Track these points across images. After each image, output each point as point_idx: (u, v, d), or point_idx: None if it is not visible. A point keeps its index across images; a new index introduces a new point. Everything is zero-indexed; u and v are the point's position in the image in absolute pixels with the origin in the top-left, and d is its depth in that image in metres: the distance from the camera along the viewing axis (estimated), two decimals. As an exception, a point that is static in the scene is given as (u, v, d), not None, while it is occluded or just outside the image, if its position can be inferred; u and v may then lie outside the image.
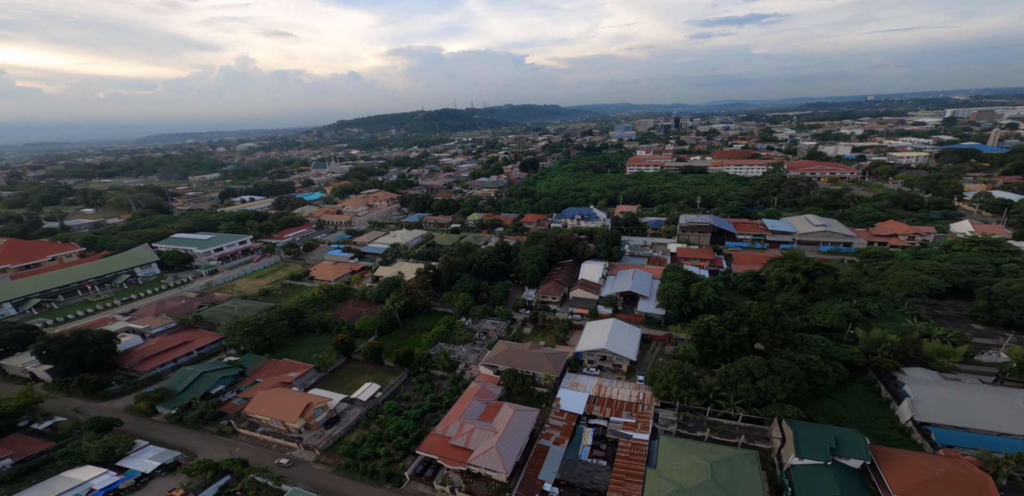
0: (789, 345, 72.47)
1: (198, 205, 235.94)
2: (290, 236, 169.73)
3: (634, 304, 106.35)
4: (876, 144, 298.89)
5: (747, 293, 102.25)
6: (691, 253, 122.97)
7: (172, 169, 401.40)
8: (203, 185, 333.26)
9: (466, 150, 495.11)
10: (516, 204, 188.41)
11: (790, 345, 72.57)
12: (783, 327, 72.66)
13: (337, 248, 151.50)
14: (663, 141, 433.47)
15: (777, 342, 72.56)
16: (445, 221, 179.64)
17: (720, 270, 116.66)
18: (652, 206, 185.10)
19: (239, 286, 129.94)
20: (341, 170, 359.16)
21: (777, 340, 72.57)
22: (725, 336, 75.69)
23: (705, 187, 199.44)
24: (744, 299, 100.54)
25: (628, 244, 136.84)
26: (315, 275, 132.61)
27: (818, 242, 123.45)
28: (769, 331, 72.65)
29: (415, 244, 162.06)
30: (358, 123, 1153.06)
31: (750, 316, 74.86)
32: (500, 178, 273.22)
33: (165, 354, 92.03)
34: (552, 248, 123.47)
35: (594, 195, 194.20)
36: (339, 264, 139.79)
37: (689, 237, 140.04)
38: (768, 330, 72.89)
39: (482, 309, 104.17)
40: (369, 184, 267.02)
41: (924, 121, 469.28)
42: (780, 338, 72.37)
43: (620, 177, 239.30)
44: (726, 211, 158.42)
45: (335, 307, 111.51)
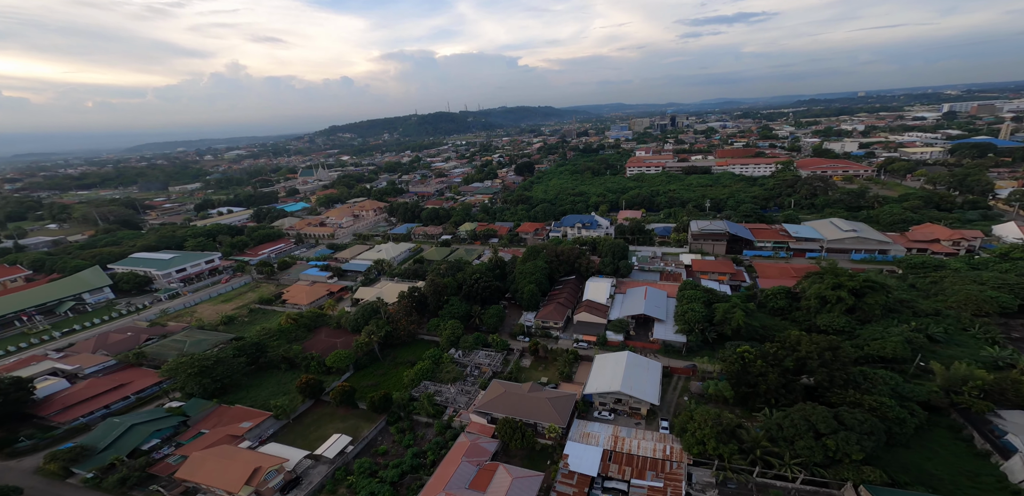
0: (851, 385, 59.09)
1: (172, 218, 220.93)
2: (265, 252, 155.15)
3: (648, 328, 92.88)
4: (882, 140, 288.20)
5: (778, 313, 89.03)
6: (708, 265, 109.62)
7: (153, 179, 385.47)
8: (183, 196, 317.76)
9: (459, 154, 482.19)
10: (511, 212, 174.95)
11: (852, 385, 59.20)
12: (843, 365, 59.24)
13: (315, 266, 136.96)
14: (661, 141, 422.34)
15: (837, 382, 59.13)
16: (435, 232, 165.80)
17: (743, 285, 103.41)
18: (657, 211, 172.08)
19: (200, 312, 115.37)
20: (329, 177, 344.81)
21: (836, 380, 59.14)
22: (768, 374, 62.21)
23: (712, 189, 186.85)
24: (777, 321, 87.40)
25: (636, 255, 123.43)
26: (288, 298, 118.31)
27: (849, 250, 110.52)
28: (826, 370, 59.21)
29: (402, 259, 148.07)
30: (350, 128, 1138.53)
31: (800, 351, 61.43)
32: (494, 183, 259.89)
33: (95, 400, 78.30)
34: (552, 264, 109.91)
35: (594, 200, 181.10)
36: (316, 285, 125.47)
37: (702, 246, 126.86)
38: (824, 368, 59.46)
39: (474, 339, 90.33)
40: (356, 192, 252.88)
41: (924, 116, 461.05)
42: (840, 377, 58.94)
43: (620, 179, 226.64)
44: (739, 215, 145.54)
45: (305, 338, 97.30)
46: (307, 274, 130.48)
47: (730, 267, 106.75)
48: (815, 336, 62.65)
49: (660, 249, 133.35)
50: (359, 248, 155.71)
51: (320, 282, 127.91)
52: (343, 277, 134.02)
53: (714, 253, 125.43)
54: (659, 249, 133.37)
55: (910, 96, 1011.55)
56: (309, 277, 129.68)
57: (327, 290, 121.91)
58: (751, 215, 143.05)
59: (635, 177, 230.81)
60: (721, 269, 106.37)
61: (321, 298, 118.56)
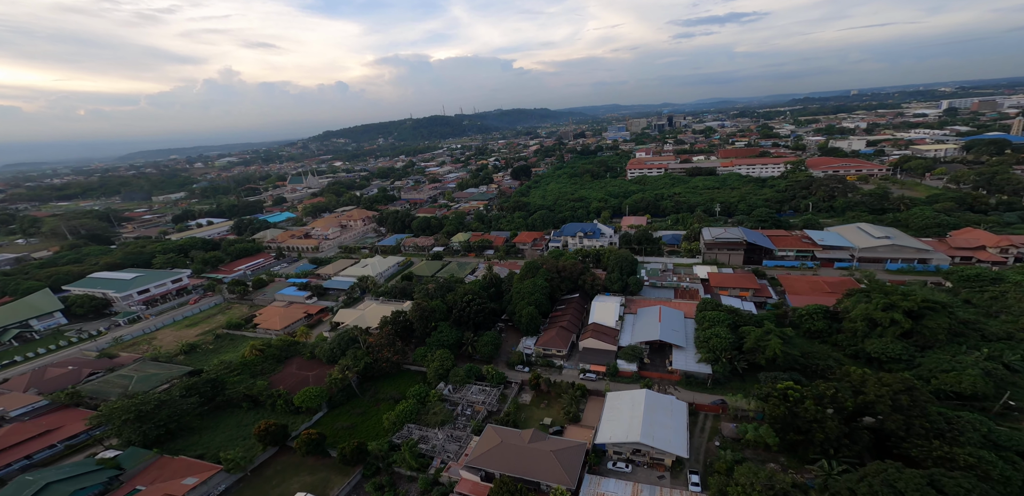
0: (934, 434, 47.73)
1: (149, 231, 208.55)
2: (241, 269, 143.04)
3: (664, 355, 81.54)
4: (890, 137, 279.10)
5: (815, 336, 77.80)
6: (727, 280, 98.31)
7: (136, 189, 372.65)
8: (165, 206, 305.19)
9: (454, 158, 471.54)
10: (508, 219, 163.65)
11: (935, 434, 47.85)
12: (922, 410, 47.87)
13: (294, 284, 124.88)
14: (660, 141, 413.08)
15: (916, 432, 47.75)
16: (426, 244, 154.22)
17: (768, 302, 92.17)
18: (664, 216, 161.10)
19: (160, 339, 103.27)
20: (319, 185, 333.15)
21: (916, 429, 47.76)
22: (826, 422, 50.83)
23: (720, 191, 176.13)
24: (815, 345, 76.03)
25: (645, 269, 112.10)
26: (260, 322, 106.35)
27: (884, 259, 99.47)
28: (902, 416, 47.82)
29: (390, 274, 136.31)
30: (344, 133, 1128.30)
31: (866, 394, 50.08)
32: (490, 188, 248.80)
33: (14, 450, 67.33)
34: (553, 281, 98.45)
35: (595, 205, 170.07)
36: (292, 306, 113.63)
37: (717, 256, 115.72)
38: (900, 414, 48.08)
39: (466, 371, 78.63)
40: (345, 200, 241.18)
41: (925, 113, 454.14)
42: (921, 426, 47.56)
43: (622, 182, 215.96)
44: (753, 220, 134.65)
45: (273, 371, 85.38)
46: (283, 294, 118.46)
47: (752, 281, 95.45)
48: (884, 375, 51.47)
49: (670, 260, 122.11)
50: (344, 263, 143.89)
51: (298, 303, 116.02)
52: (324, 296, 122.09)
53: (730, 263, 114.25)
54: (669, 260, 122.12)
55: (904, 93, 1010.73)
56: (285, 297, 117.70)
57: (304, 312, 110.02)
58: (766, 220, 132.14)
59: (637, 180, 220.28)
60: (743, 284, 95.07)
61: (297, 321, 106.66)
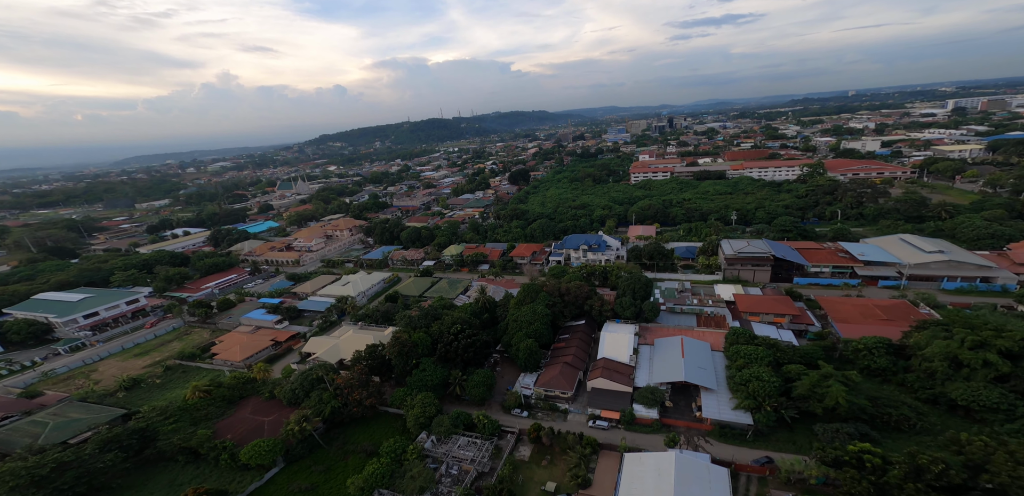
0: None
1: (121, 242, 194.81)
2: (209, 286, 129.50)
3: (690, 396, 68.50)
4: (904, 137, 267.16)
5: (874, 374, 64.78)
6: (758, 303, 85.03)
7: (120, 196, 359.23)
8: (147, 214, 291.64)
9: (451, 162, 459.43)
10: (504, 229, 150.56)
11: None
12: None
13: (264, 306, 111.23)
14: (662, 143, 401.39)
15: None
16: (416, 257, 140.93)
17: (809, 330, 79.00)
18: (674, 225, 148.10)
19: (102, 371, 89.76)
20: (309, 190, 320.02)
21: None
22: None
23: (733, 197, 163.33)
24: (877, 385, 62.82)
25: (659, 288, 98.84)
26: (218, 351, 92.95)
27: (939, 277, 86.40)
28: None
29: (374, 293, 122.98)
30: (341, 137, 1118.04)
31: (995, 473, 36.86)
32: (487, 194, 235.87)
33: None
34: (555, 306, 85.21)
35: (599, 213, 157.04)
36: (259, 331, 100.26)
37: (739, 272, 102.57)
38: None
39: (452, 419, 65.32)
40: (333, 208, 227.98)
41: (933, 112, 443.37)
42: None
43: (626, 187, 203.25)
44: (775, 230, 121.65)
45: (222, 415, 71.93)
46: (249, 318, 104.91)
47: (789, 305, 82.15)
48: (1012, 443, 38.11)
49: (686, 277, 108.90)
50: (324, 279, 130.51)
51: (266, 328, 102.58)
52: (298, 319, 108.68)
53: (755, 281, 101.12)
54: (685, 277, 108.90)
55: (904, 94, 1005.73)
56: (251, 321, 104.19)
57: (272, 339, 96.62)
58: (790, 230, 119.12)
59: (641, 184, 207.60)
60: (777, 308, 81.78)
61: (262, 351, 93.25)
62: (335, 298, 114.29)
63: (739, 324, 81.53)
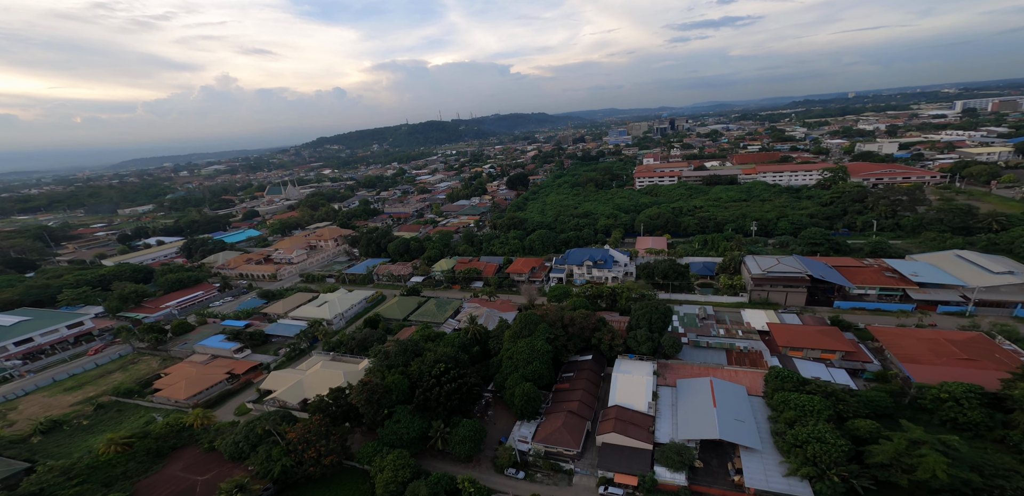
0: None
1: (92, 252, 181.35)
2: (169, 306, 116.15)
3: (723, 452, 55.50)
4: (922, 139, 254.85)
5: (963, 429, 51.78)
6: (800, 335, 71.72)
7: (104, 201, 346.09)
8: (127, 221, 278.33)
9: (448, 165, 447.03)
10: (501, 240, 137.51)
11: None
12: None
13: (226, 329, 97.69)
14: (665, 145, 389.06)
15: None
16: (403, 272, 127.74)
17: (865, 367, 65.90)
18: (686, 236, 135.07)
19: (22, 410, 76.78)
20: (299, 195, 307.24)
21: None
22: None
23: (749, 204, 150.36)
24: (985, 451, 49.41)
25: (677, 314, 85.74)
26: (162, 385, 79.86)
27: (1012, 303, 73.34)
28: None
29: (353, 314, 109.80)
30: (338, 140, 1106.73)
31: None
32: (483, 200, 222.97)
33: None
34: (558, 340, 72.16)
35: (603, 223, 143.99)
36: (215, 361, 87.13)
37: (768, 294, 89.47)
38: None
39: (431, 486, 52.11)
40: (320, 215, 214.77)
41: (943, 114, 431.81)
42: None
43: (631, 193, 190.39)
44: (803, 244, 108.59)
45: (145, 472, 58.61)
46: (204, 345, 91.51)
47: (839, 338, 68.85)
48: None
49: (706, 298, 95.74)
50: (300, 297, 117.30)
51: (224, 357, 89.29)
52: (264, 346, 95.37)
53: (787, 304, 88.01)
54: (705, 298, 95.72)
55: (906, 95, 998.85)
56: (207, 350, 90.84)
57: (227, 372, 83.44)
58: (820, 243, 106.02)
59: (647, 190, 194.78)
60: (824, 342, 68.45)
61: (215, 386, 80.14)
62: (310, 320, 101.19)
63: (778, 361, 68.43)
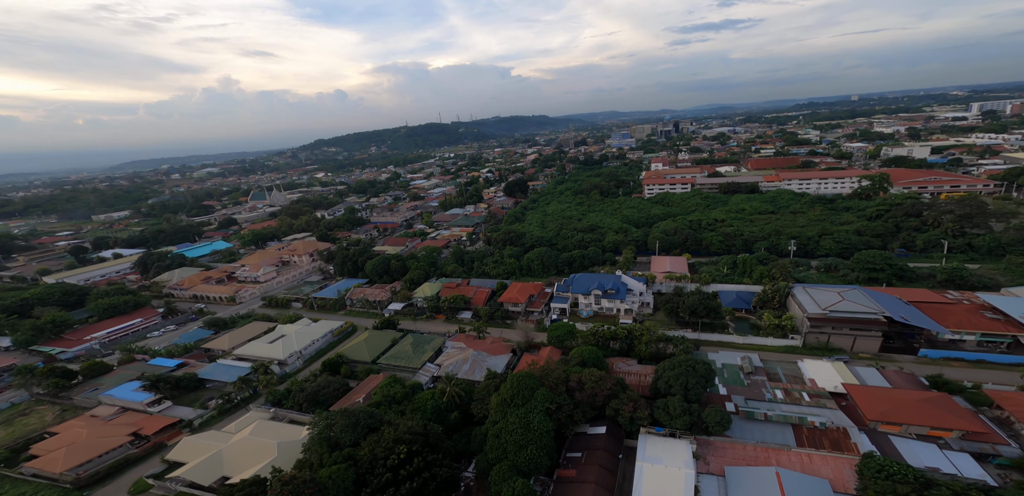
0: None
1: (40, 266, 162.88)
2: (96, 337, 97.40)
3: None
4: (954, 143, 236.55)
5: None
6: (897, 404, 52.50)
7: (82, 205, 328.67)
8: (101, 227, 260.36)
9: (444, 169, 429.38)
10: (495, 259, 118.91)
11: None
12: None
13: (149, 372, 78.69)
14: (672, 149, 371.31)
15: None
16: (380, 297, 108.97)
17: (996, 452, 46.95)
18: (709, 255, 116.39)
19: None
20: (284, 201, 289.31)
21: None
22: None
23: (779, 218, 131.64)
24: None
25: (713, 365, 66.81)
26: (41, 451, 61.17)
27: None
28: None
29: (314, 352, 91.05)
30: (336, 142, 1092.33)
31: None
32: (478, 209, 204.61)
33: None
34: (562, 409, 53.49)
35: (612, 238, 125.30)
36: (123, 416, 68.45)
37: (829, 338, 70.69)
38: None
39: None
40: (301, 225, 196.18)
41: (963, 116, 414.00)
42: None
43: (640, 202, 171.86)
44: (859, 269, 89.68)
45: None
46: (111, 396, 72.68)
47: (955, 411, 49.57)
48: None
49: (745, 339, 76.78)
50: (255, 328, 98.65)
51: (136, 410, 70.67)
52: (195, 393, 76.66)
53: (854, 351, 69.21)
54: (744, 339, 76.77)
55: (914, 98, 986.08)
56: (114, 401, 72.05)
57: (133, 431, 64.86)
58: (881, 269, 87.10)
59: (659, 199, 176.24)
60: (935, 416, 49.09)
61: (111, 452, 61.48)
62: (257, 361, 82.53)
63: (868, 439, 49.55)
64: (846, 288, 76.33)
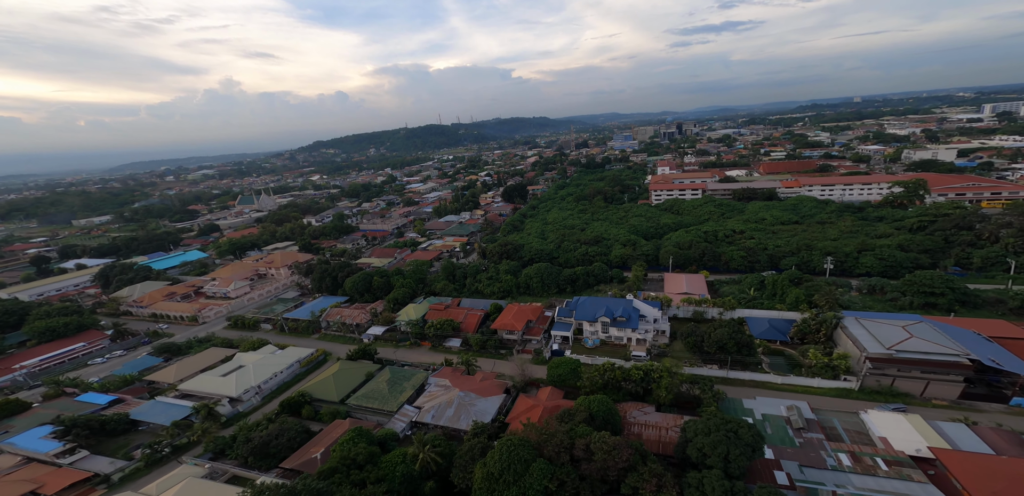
0: None
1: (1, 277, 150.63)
2: (27, 365, 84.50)
3: None
4: (977, 145, 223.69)
5: None
6: (1007, 477, 39.44)
7: (66, 209, 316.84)
8: (79, 233, 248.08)
9: (442, 172, 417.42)
10: (490, 275, 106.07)
11: None
12: None
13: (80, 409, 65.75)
14: (677, 151, 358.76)
15: None
16: (359, 319, 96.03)
17: None
18: (729, 272, 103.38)
19: None
20: (273, 205, 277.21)
21: None
22: None
23: (805, 229, 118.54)
24: None
25: (751, 415, 53.75)
26: None
27: None
28: None
29: (276, 386, 78.25)
30: (335, 143, 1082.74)
31: None
32: (474, 216, 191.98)
33: None
34: (564, 489, 40.55)
35: (619, 252, 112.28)
36: (25, 467, 55.42)
37: (894, 381, 57.71)
38: None
39: None
40: (284, 232, 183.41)
41: (979, 117, 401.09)
42: None
43: (647, 210, 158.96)
44: (913, 293, 76.59)
45: None
46: (13, 445, 59.73)
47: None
48: None
49: (788, 379, 63.56)
50: (210, 356, 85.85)
51: (44, 462, 57.71)
52: (124, 437, 63.76)
53: (925, 397, 56.22)
54: (785, 378, 63.58)
55: (920, 99, 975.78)
56: (17, 451, 59.19)
57: (31, 491, 51.87)
58: (940, 293, 74.15)
59: (667, 206, 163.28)
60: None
61: None
62: (203, 398, 69.74)
63: None
64: (907, 319, 63.37)
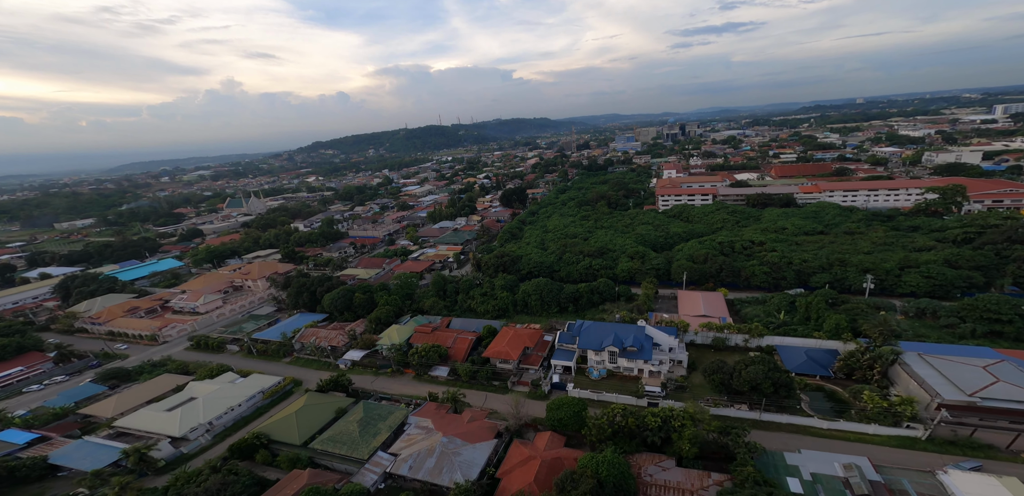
0: None
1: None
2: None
3: None
4: (1002, 147, 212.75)
5: None
6: None
7: (51, 211, 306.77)
8: (57, 238, 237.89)
9: (440, 173, 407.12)
10: (484, 290, 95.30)
11: None
12: None
13: None
14: (682, 153, 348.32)
15: None
16: (336, 342, 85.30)
17: None
18: (749, 289, 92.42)
19: None
20: (263, 209, 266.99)
21: None
22: None
23: (832, 240, 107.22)
24: None
25: (796, 475, 42.79)
26: None
27: None
28: None
29: (231, 422, 67.45)
30: (334, 144, 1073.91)
31: None
32: (471, 221, 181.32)
33: None
34: None
35: (626, 265, 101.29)
36: None
37: (974, 432, 46.95)
38: None
39: None
40: (268, 239, 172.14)
41: (992, 118, 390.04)
42: None
43: (655, 217, 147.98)
44: (975, 319, 65.78)
45: None
46: None
47: None
48: None
49: (835, 423, 52.49)
50: (161, 384, 75.16)
51: None
52: (41, 484, 53.16)
53: (1017, 449, 45.46)
54: (831, 423, 52.50)
55: (924, 100, 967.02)
56: None
57: None
58: (1007, 319, 63.29)
59: (676, 212, 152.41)
60: None
61: None
62: (138, 440, 58.97)
63: None
64: (979, 353, 52.55)
